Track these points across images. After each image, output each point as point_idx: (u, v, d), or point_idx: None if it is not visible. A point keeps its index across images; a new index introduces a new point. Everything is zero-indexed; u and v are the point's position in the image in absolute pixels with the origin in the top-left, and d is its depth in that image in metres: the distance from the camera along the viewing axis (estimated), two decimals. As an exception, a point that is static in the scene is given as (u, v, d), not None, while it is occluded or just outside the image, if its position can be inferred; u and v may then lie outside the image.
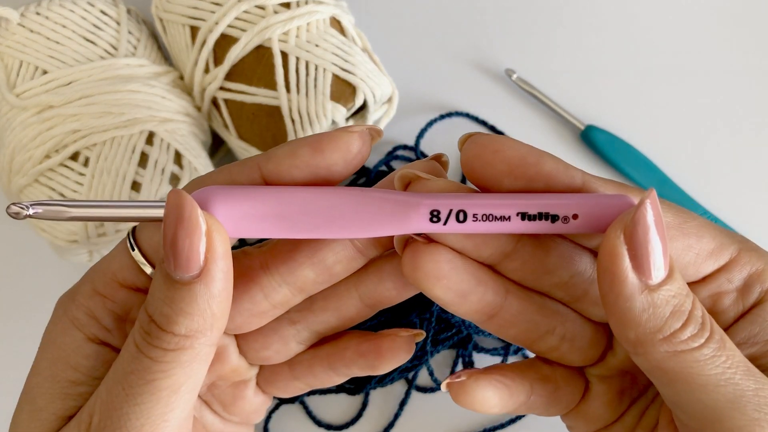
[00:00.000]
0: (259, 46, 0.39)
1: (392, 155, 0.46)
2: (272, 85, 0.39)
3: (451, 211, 0.21)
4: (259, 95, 0.39)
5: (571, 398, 0.27)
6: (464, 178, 0.47)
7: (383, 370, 0.28)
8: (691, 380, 0.20)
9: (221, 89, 0.40)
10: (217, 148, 0.46)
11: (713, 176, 0.47)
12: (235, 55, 0.39)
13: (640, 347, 0.20)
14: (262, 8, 0.39)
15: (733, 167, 0.47)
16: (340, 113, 0.39)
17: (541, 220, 0.21)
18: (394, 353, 0.27)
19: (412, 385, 0.41)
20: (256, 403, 0.30)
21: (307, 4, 0.40)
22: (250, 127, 0.40)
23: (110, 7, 0.42)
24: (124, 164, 0.37)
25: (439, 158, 0.24)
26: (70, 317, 0.23)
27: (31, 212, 0.21)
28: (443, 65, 0.50)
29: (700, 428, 0.21)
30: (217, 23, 0.39)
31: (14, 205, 0.21)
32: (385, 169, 0.46)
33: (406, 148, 0.47)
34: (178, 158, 0.39)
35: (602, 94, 0.49)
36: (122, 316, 0.24)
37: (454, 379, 0.25)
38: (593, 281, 0.24)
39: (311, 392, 0.41)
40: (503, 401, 0.25)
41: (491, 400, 0.25)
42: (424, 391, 0.42)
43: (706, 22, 0.51)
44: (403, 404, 0.41)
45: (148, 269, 0.23)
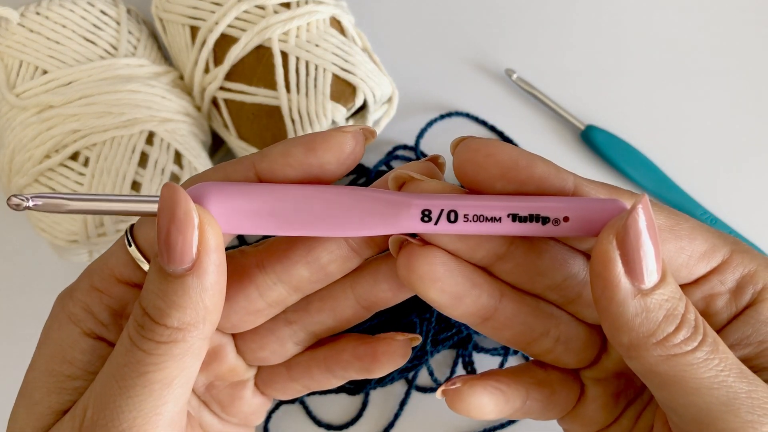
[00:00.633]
0: (259, 46, 0.39)
1: (392, 155, 0.46)
2: (272, 85, 0.39)
3: (442, 211, 0.21)
4: (259, 95, 0.39)
5: (566, 402, 0.27)
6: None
7: (379, 373, 0.28)
8: (684, 383, 0.20)
9: (221, 89, 0.40)
10: (217, 148, 0.46)
11: (713, 176, 0.47)
12: (235, 55, 0.39)
13: (633, 351, 0.20)
14: (262, 8, 0.39)
15: (733, 167, 0.47)
16: (340, 113, 0.39)
17: (531, 222, 0.21)
18: (390, 357, 0.27)
19: (412, 385, 0.41)
20: (254, 404, 0.30)
21: (307, 4, 0.40)
22: (250, 127, 0.40)
23: (110, 7, 0.42)
24: (124, 164, 0.37)
25: (435, 160, 0.24)
26: (67, 312, 0.23)
27: (30, 204, 0.21)
28: (443, 65, 0.50)
29: (694, 431, 0.21)
30: (217, 23, 0.39)
31: (14, 197, 0.21)
32: (385, 168, 0.46)
33: (406, 148, 0.47)
34: (178, 158, 0.39)
35: (602, 94, 0.49)
36: (118, 311, 0.24)
37: (449, 386, 0.25)
38: (586, 284, 0.24)
39: (311, 392, 0.41)
40: (499, 407, 0.25)
41: (487, 406, 0.25)
42: (424, 391, 0.42)
43: (706, 22, 0.51)
44: (403, 404, 0.41)
45: (144, 265, 0.23)
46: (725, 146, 0.48)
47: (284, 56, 0.39)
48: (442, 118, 0.47)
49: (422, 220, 0.21)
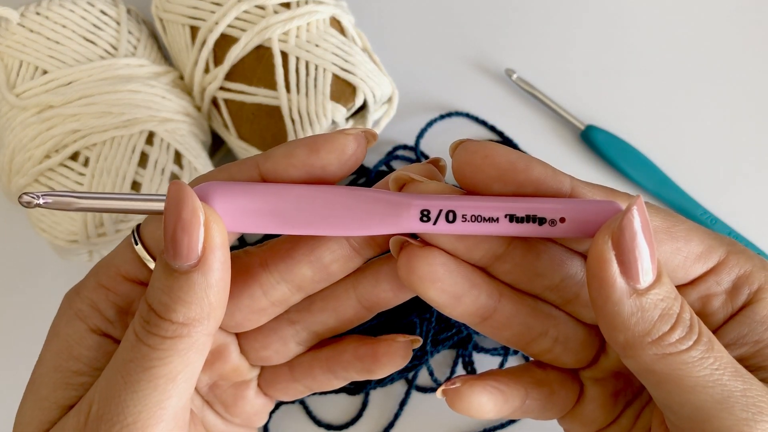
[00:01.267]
0: (259, 46, 0.39)
1: (392, 155, 0.46)
2: (272, 85, 0.39)
3: (441, 211, 0.22)
4: (259, 95, 0.39)
5: (566, 401, 0.27)
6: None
7: (380, 374, 0.28)
8: (680, 382, 0.20)
9: (221, 89, 0.40)
10: (217, 148, 0.46)
11: (713, 176, 0.47)
12: (235, 55, 0.39)
13: (629, 350, 0.21)
14: (262, 8, 0.39)
15: (732, 167, 0.47)
16: (340, 113, 0.39)
17: (528, 222, 0.22)
18: (390, 358, 0.27)
19: (412, 385, 0.41)
20: (257, 404, 0.30)
21: (307, 4, 0.40)
22: (250, 127, 0.40)
23: (110, 7, 0.42)
24: (124, 164, 0.37)
25: (436, 162, 0.25)
26: (74, 309, 0.24)
27: (41, 202, 0.22)
28: (443, 65, 0.50)
29: (689, 429, 0.21)
30: (217, 23, 0.39)
31: (26, 194, 0.22)
32: (385, 169, 0.46)
33: (406, 148, 0.47)
34: (178, 158, 0.39)
35: (602, 94, 0.49)
36: (125, 308, 0.24)
37: (449, 385, 0.26)
38: (584, 284, 0.24)
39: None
40: (498, 406, 0.26)
41: (486, 405, 0.26)
42: (424, 391, 0.42)
43: (706, 22, 0.51)
44: (403, 404, 0.41)
45: (150, 263, 0.23)
46: (725, 146, 0.48)
47: (284, 56, 0.39)
48: (442, 118, 0.47)
49: (421, 220, 0.22)
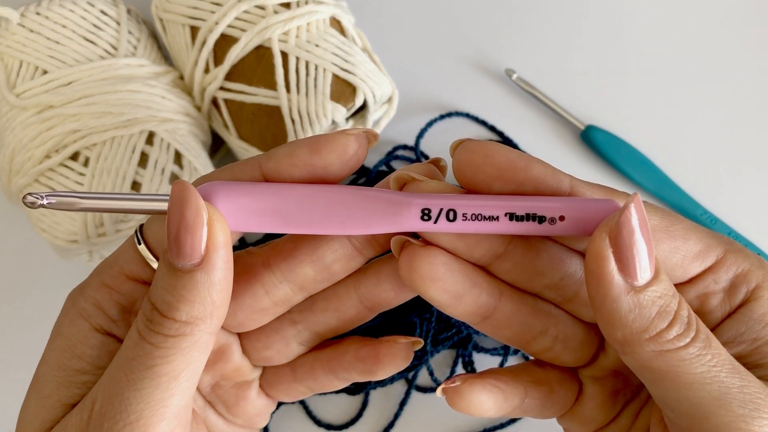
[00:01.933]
0: (259, 46, 0.39)
1: (392, 155, 0.46)
2: (272, 85, 0.39)
3: (441, 210, 0.22)
4: (259, 95, 0.39)
5: (565, 400, 0.27)
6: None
7: (381, 375, 0.28)
8: (677, 378, 0.20)
9: (221, 89, 0.40)
10: (217, 148, 0.46)
11: (713, 176, 0.47)
12: (235, 55, 0.39)
13: (627, 347, 0.21)
14: (262, 8, 0.39)
15: (732, 167, 0.47)
16: (340, 113, 0.39)
17: (528, 221, 0.22)
18: (391, 359, 0.28)
19: (412, 385, 0.41)
20: (258, 405, 0.30)
21: (307, 4, 0.40)
22: (250, 127, 0.40)
23: (110, 7, 0.42)
24: (124, 164, 0.37)
25: (437, 162, 0.25)
26: (78, 309, 0.24)
27: (45, 202, 0.22)
28: (443, 65, 0.50)
29: (687, 425, 0.21)
30: (217, 23, 0.39)
31: (30, 195, 0.22)
32: (385, 169, 0.46)
33: (406, 148, 0.47)
34: (178, 158, 0.39)
35: (602, 94, 0.49)
36: (128, 307, 0.24)
37: (449, 384, 0.26)
38: (583, 283, 0.24)
39: (311, 392, 0.41)
40: (498, 404, 0.26)
41: (486, 403, 0.26)
42: (424, 391, 0.42)
43: (706, 22, 0.51)
44: (403, 404, 0.41)
45: (153, 263, 0.24)
46: (725, 146, 0.48)
47: (284, 56, 0.39)
48: (442, 118, 0.47)
49: (422, 218, 0.22)
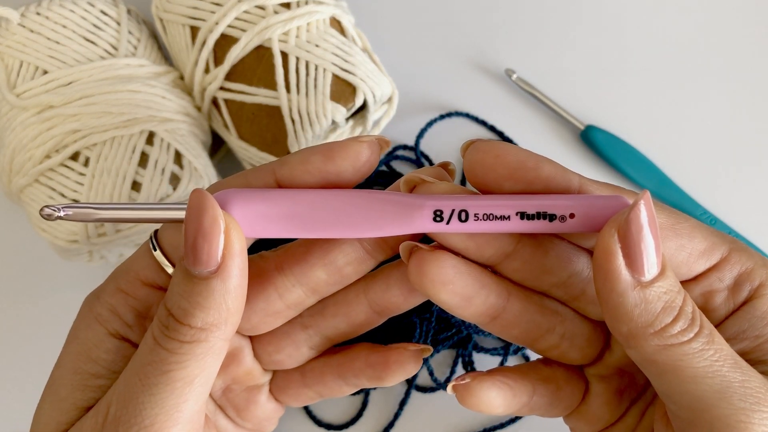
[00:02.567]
0: (259, 46, 0.39)
1: (392, 155, 0.46)
2: (272, 85, 0.39)
3: (453, 211, 0.22)
4: (259, 95, 0.39)
5: (572, 399, 0.27)
6: (464, 179, 0.47)
7: (390, 382, 0.29)
8: (680, 372, 0.21)
9: (221, 89, 0.40)
10: (217, 148, 0.46)
11: (713, 176, 0.47)
12: (235, 55, 0.39)
13: (632, 340, 0.21)
14: (262, 8, 0.39)
15: (732, 167, 0.47)
16: (340, 113, 0.39)
17: (539, 219, 0.22)
18: (401, 365, 0.28)
19: (412, 385, 0.41)
20: (268, 409, 0.30)
21: (307, 4, 0.40)
22: (250, 127, 0.40)
23: (110, 7, 0.42)
24: (124, 164, 0.37)
25: (446, 166, 0.25)
26: (94, 313, 0.24)
27: (62, 214, 0.22)
28: (443, 65, 0.50)
29: (689, 418, 0.21)
30: (217, 23, 0.39)
31: (47, 207, 0.22)
32: (385, 169, 0.46)
33: (406, 148, 0.47)
34: (178, 158, 0.39)
35: (602, 94, 0.49)
36: (143, 313, 0.25)
37: (459, 381, 0.26)
38: (590, 281, 0.25)
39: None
40: (507, 402, 0.26)
41: (495, 400, 0.26)
42: (424, 391, 0.42)
43: (706, 22, 0.51)
44: (403, 404, 0.41)
45: (169, 269, 0.24)
46: (725, 146, 0.48)
47: (284, 56, 0.39)
48: (442, 118, 0.47)
49: (434, 220, 0.22)
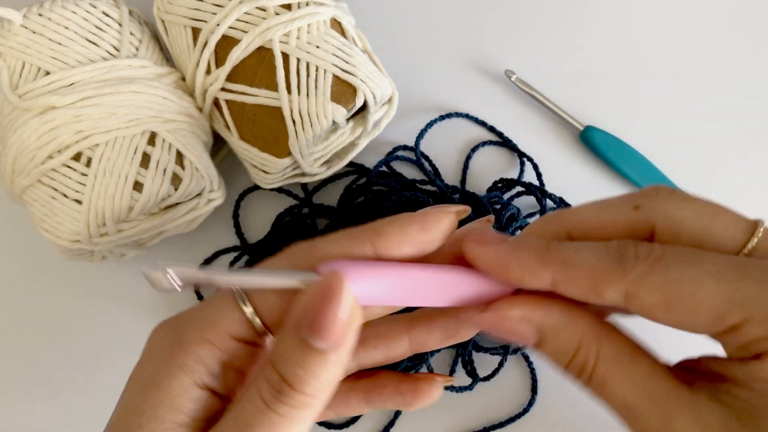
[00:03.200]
0: (260, 47, 0.39)
1: (392, 155, 0.46)
2: (273, 86, 0.39)
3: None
4: (260, 96, 0.39)
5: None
6: (463, 184, 0.47)
7: (415, 408, 0.31)
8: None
9: (222, 90, 0.40)
10: (218, 148, 0.46)
11: (712, 177, 0.47)
12: (236, 56, 0.39)
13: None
14: (263, 10, 0.39)
15: (732, 168, 0.48)
16: (340, 114, 0.39)
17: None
18: (430, 395, 0.30)
19: (412, 384, 0.42)
20: None
21: (307, 5, 0.40)
22: (251, 127, 0.40)
23: (112, 8, 0.42)
24: (126, 165, 0.37)
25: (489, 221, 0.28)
26: (178, 363, 0.24)
27: (177, 285, 0.23)
28: (443, 66, 0.50)
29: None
30: (218, 25, 0.39)
31: (163, 275, 0.23)
32: (385, 169, 0.46)
33: (406, 148, 0.47)
34: (179, 158, 0.39)
35: (602, 94, 0.49)
36: (228, 364, 0.25)
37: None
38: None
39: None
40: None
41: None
42: (424, 390, 0.42)
43: (705, 23, 0.51)
44: (403, 403, 0.41)
45: (258, 326, 0.25)
46: (724, 147, 0.48)
47: (285, 57, 0.39)
48: (442, 118, 0.48)
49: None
